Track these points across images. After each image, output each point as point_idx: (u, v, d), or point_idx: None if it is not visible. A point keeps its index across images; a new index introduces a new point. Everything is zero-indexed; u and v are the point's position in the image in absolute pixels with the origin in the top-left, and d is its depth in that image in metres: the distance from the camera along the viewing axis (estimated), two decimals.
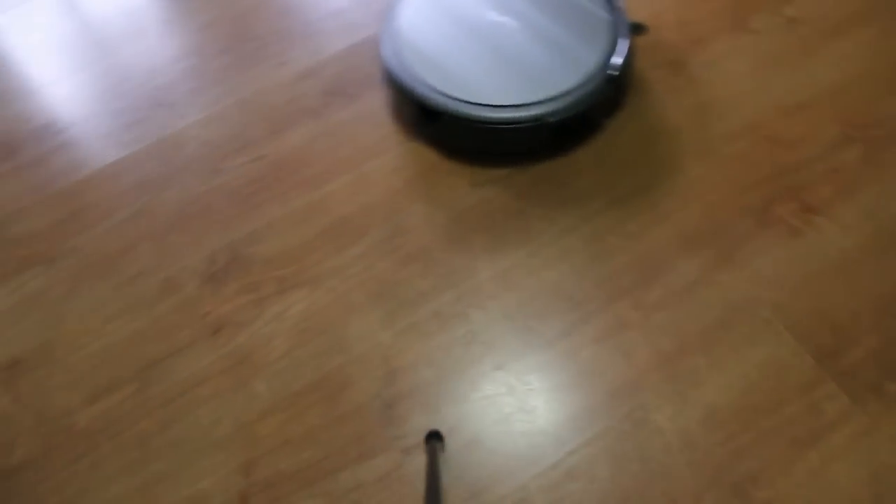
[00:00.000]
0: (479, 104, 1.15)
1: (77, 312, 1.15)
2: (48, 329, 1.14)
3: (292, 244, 1.15)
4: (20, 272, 1.21)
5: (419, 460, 0.95)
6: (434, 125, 1.19)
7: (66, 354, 1.12)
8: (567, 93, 1.14)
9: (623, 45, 1.18)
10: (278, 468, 0.98)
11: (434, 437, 0.94)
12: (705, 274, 1.07)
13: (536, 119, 1.14)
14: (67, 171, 1.31)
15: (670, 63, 1.31)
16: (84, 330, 1.13)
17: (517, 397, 0.99)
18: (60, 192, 1.28)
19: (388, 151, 1.24)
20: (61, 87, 1.44)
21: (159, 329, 1.11)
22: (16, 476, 1.03)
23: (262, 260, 1.14)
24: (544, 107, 1.14)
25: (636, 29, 1.24)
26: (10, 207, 1.28)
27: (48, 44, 1.52)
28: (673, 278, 1.07)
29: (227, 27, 1.48)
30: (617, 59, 1.17)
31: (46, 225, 1.25)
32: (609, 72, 1.16)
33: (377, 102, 1.30)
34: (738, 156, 1.18)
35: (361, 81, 1.33)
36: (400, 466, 0.95)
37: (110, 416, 1.05)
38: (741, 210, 1.12)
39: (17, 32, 1.56)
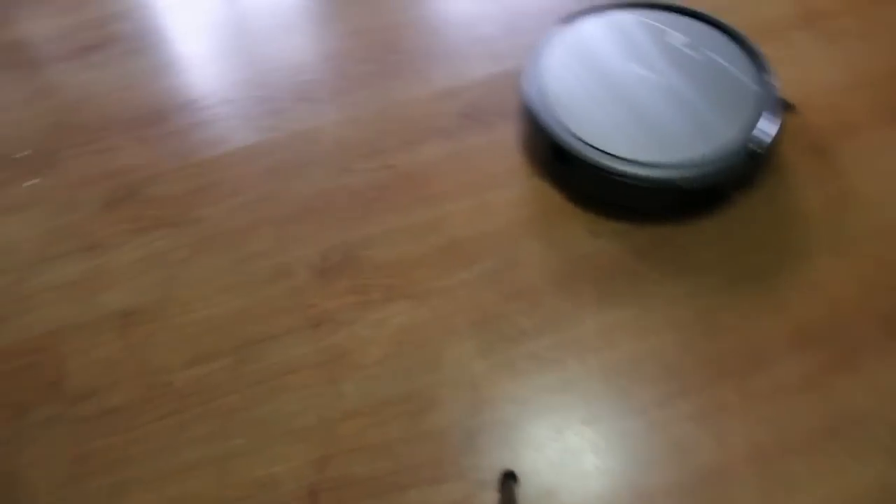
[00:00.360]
0: (613, 155, 1.14)
1: (192, 278, 1.21)
2: (164, 288, 1.20)
3: (405, 256, 1.17)
4: (149, 231, 1.28)
5: (490, 497, 0.95)
6: (563, 167, 1.19)
7: (176, 315, 1.17)
8: (703, 161, 1.12)
9: (769, 121, 1.15)
10: (351, 471, 0.99)
11: (510, 478, 0.93)
12: (819, 374, 1.02)
13: (668, 182, 1.12)
14: (207, 146, 1.38)
15: (814, 148, 1.27)
16: (195, 296, 1.19)
17: (600, 457, 0.97)
18: (197, 164, 1.35)
19: (513, 184, 1.25)
20: (213, 68, 1.52)
21: (264, 311, 1.15)
22: (110, 415, 1.08)
23: (374, 265, 1.17)
24: (678, 171, 1.13)
25: (784, 106, 1.21)
26: (151, 170, 1.36)
27: (208, 26, 1.62)
28: (782, 371, 1.03)
29: (376, 37, 1.53)
30: (761, 135, 1.14)
31: (180, 192, 1.32)
32: (750, 146, 1.13)
33: (510, 134, 1.32)
34: (875, 257, 1.12)
35: (498, 110, 1.35)
36: (470, 498, 0.95)
37: (204, 383, 1.10)
38: (869, 315, 1.07)
39: (183, 12, 1.66)
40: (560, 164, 1.19)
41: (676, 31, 1.30)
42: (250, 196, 1.29)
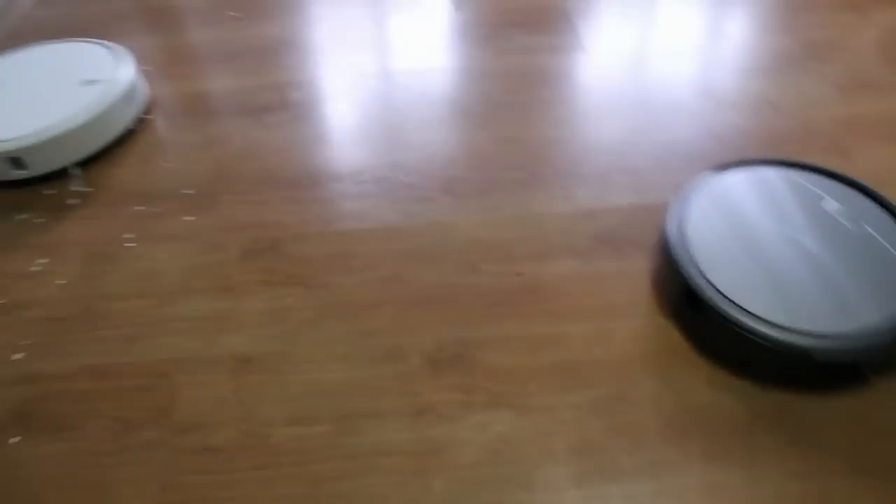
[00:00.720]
0: (747, 311, 1.12)
1: (310, 341, 1.25)
2: (283, 343, 1.26)
3: (517, 365, 1.18)
4: (281, 286, 1.35)
5: None
6: (692, 312, 1.18)
7: (288, 372, 1.21)
8: (843, 335, 1.08)
9: None
10: None
11: None
12: None
13: (802, 349, 1.08)
14: (351, 217, 1.46)
15: None
16: (310, 358, 1.23)
17: None
18: (338, 233, 1.43)
19: (637, 318, 1.24)
20: (370, 147, 1.64)
21: (371, 388, 1.17)
22: (207, 454, 1.12)
23: (485, 368, 1.17)
24: (814, 340, 1.09)
25: None
26: (295, 229, 1.45)
27: (370, 108, 1.75)
28: None
29: (527, 147, 1.60)
30: None
31: (317, 256, 1.39)
32: None
33: (642, 267, 1.32)
34: None
35: (633, 241, 1.36)
36: None
37: (300, 443, 1.12)
38: None
39: (351, 91, 1.80)
40: (690, 308, 1.18)
41: (830, 196, 1.29)
42: (380, 274, 1.34)
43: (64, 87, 1.76)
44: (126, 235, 1.52)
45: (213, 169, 1.65)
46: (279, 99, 1.85)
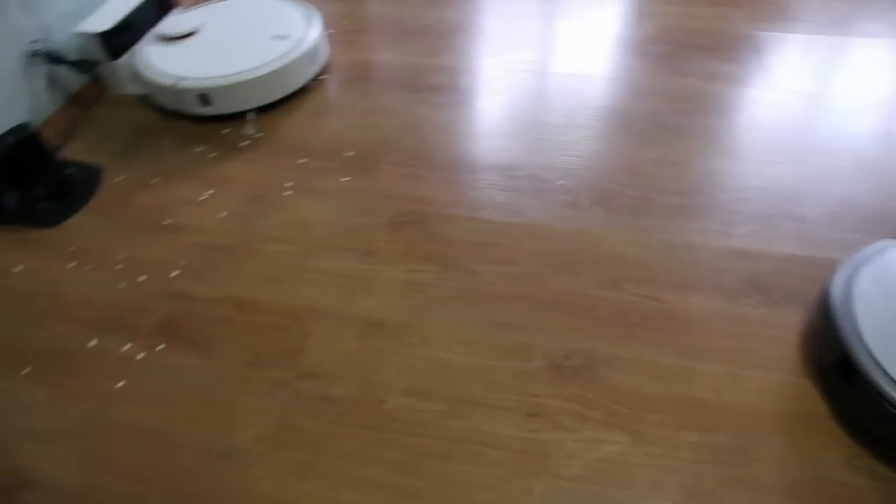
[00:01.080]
0: None
1: (440, 319, 1.27)
2: (413, 316, 1.28)
3: (641, 391, 1.14)
4: (421, 260, 1.38)
5: None
6: (843, 382, 1.10)
7: (413, 345, 1.24)
8: None
9: None
10: None
11: None
12: None
13: None
14: (501, 209, 1.47)
15: None
16: (436, 336, 1.25)
17: None
18: (486, 221, 1.44)
19: (777, 372, 1.18)
20: (531, 145, 1.65)
21: (491, 378, 1.18)
22: (324, 403, 1.17)
23: (608, 385, 1.15)
24: None
25: None
26: (443, 209, 1.48)
27: (538, 107, 1.74)
28: None
29: (692, 175, 1.54)
30: None
31: (461, 239, 1.41)
32: None
33: (792, 321, 1.24)
34: None
35: (789, 293, 1.29)
36: None
37: (412, 415, 1.14)
38: None
39: (520, 87, 1.81)
40: (842, 376, 1.10)
41: None
42: (520, 270, 1.34)
43: (256, 39, 1.88)
44: (286, 184, 1.60)
45: (376, 137, 1.71)
46: (447, 82, 1.88)
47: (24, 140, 1.62)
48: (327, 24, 2.06)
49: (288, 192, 1.58)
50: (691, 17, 2.05)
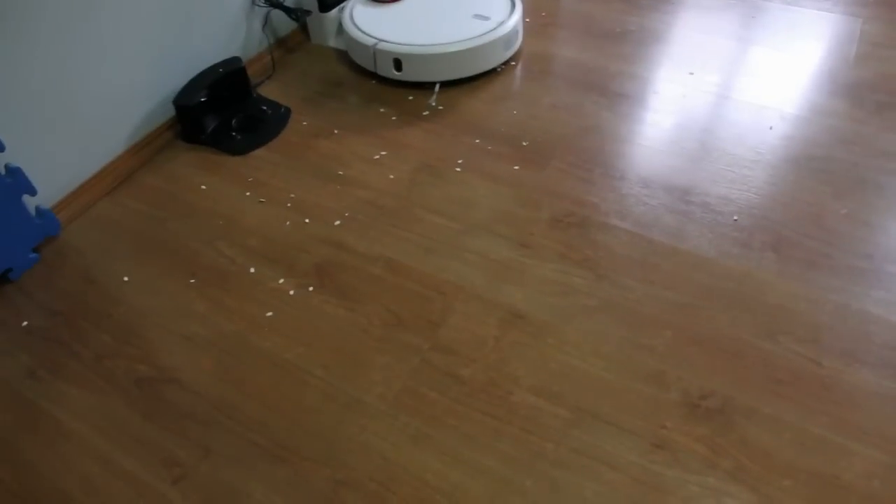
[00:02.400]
0: None
1: (583, 328, 1.26)
2: (556, 317, 1.27)
3: (778, 453, 1.07)
4: (576, 264, 1.37)
5: None
6: None
7: (551, 345, 1.23)
8: None
9: None
10: None
11: None
12: None
13: None
14: (667, 231, 1.42)
15: None
16: (575, 342, 1.23)
17: None
18: (650, 241, 1.41)
19: None
20: (713, 175, 1.56)
21: (622, 399, 1.15)
22: (451, 380, 1.19)
23: (743, 438, 1.09)
24: None
25: None
26: (608, 218, 1.45)
27: (729, 137, 1.65)
28: None
29: (884, 239, 1.41)
30: None
31: (620, 252, 1.38)
32: None
33: None
34: None
35: None
36: None
37: (535, 414, 1.14)
38: None
39: (702, 112, 1.72)
40: None
41: None
42: (675, 298, 1.30)
43: (458, 15, 1.91)
44: (458, 160, 1.64)
45: (554, 132, 1.70)
46: (634, 90, 1.84)
47: (233, 72, 1.76)
48: (525, 13, 2.07)
49: (458, 169, 1.61)
50: None
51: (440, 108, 1.81)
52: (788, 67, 1.88)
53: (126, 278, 1.42)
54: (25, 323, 1.35)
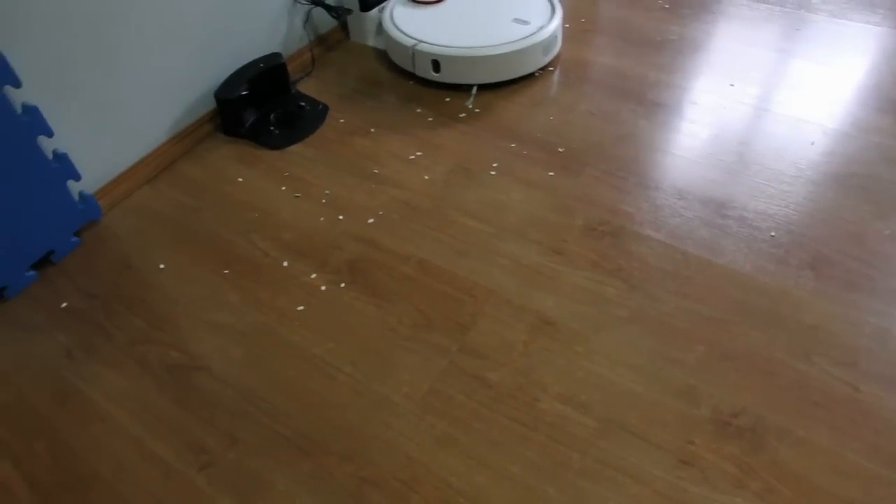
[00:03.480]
0: None
1: (613, 338, 1.25)
2: (586, 326, 1.27)
3: (810, 477, 1.06)
4: (608, 274, 1.36)
5: None
6: None
7: (579, 354, 1.23)
8: None
9: None
10: None
11: None
12: None
13: None
14: (702, 244, 1.41)
15: None
16: (604, 351, 1.23)
17: None
18: (684, 253, 1.39)
19: None
20: (753, 188, 1.54)
21: (651, 412, 1.14)
22: (478, 383, 1.19)
23: (774, 459, 1.07)
24: None
25: None
26: (643, 228, 1.44)
27: (762, 152, 1.63)
28: None
29: None
30: None
31: (653, 263, 1.37)
32: None
33: None
34: None
35: None
36: None
37: (562, 423, 1.13)
38: None
39: (741, 124, 1.70)
40: None
41: None
42: (708, 312, 1.28)
43: (498, 18, 1.91)
44: (493, 164, 1.64)
45: (590, 140, 1.69)
46: (673, 100, 1.82)
47: (274, 68, 1.78)
48: (565, 19, 2.06)
49: (493, 172, 1.61)
50: None
51: (477, 110, 1.81)
52: (832, 82, 1.85)
53: (162, 265, 1.44)
54: (64, 304, 1.38)
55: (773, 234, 1.42)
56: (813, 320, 1.26)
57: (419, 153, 1.68)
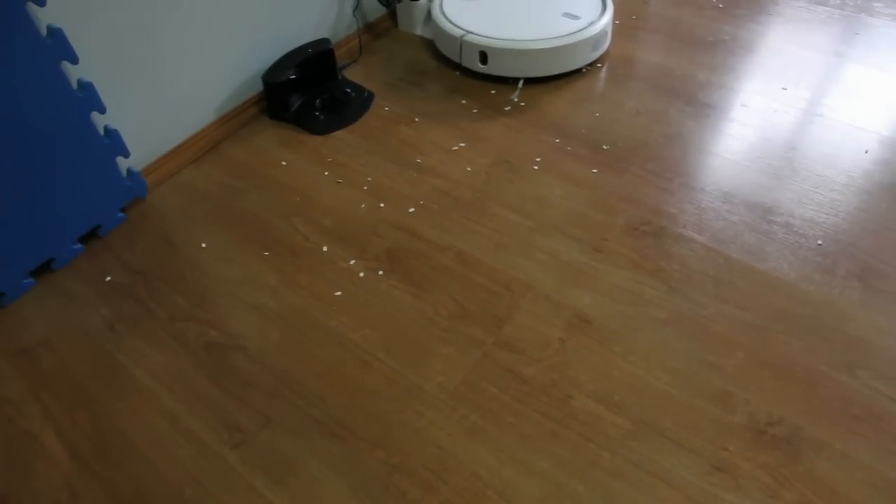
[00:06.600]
0: None
1: (651, 339, 1.23)
2: (624, 325, 1.26)
3: (846, 491, 1.03)
4: (648, 274, 1.34)
5: None
6: None
7: (616, 353, 1.21)
8: None
9: None
10: None
11: None
12: None
13: None
14: (746, 249, 1.38)
15: None
16: (640, 352, 1.21)
17: None
18: (727, 257, 1.36)
19: None
20: (799, 194, 1.50)
21: (685, 416, 1.12)
22: (512, 377, 1.19)
23: (810, 471, 1.05)
24: None
25: None
26: (686, 230, 1.42)
27: (813, 158, 1.59)
28: None
29: None
30: None
31: (694, 265, 1.35)
32: None
33: None
34: None
35: None
36: None
37: (594, 422, 1.12)
38: None
39: (791, 129, 1.66)
40: None
41: None
42: (749, 318, 1.26)
43: (548, 12, 1.90)
44: (536, 158, 1.63)
45: (636, 138, 1.67)
46: (722, 101, 1.79)
47: (321, 53, 1.79)
48: (615, 15, 2.03)
49: (535, 167, 1.60)
50: None
51: (522, 104, 1.80)
52: (891, 88, 1.79)
53: (203, 245, 1.46)
54: (108, 278, 1.41)
55: (820, 242, 1.39)
56: (858, 332, 1.23)
57: (462, 144, 1.68)
